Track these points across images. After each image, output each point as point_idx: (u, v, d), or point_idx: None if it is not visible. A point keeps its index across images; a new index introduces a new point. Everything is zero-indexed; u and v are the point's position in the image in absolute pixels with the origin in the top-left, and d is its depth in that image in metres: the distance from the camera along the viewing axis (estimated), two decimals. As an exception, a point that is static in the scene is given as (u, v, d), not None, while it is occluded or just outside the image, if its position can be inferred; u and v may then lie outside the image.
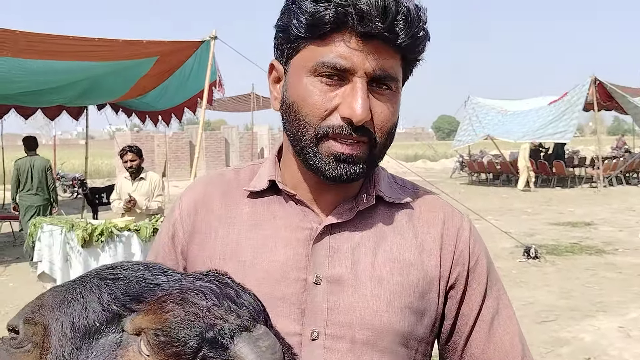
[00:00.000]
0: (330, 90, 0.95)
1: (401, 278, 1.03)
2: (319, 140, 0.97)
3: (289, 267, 1.02)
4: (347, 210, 1.05)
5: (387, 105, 0.98)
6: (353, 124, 0.94)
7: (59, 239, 5.21)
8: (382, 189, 1.09)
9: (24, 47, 7.50)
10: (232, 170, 1.18)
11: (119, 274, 0.62)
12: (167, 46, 8.74)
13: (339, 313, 1.00)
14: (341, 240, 1.04)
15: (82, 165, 24.36)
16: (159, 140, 25.16)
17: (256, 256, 1.03)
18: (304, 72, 0.97)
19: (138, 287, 0.60)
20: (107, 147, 48.22)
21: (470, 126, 22.63)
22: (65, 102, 11.28)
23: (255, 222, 1.07)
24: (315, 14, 0.92)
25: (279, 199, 1.08)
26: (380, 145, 1.00)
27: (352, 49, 0.92)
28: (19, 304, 6.98)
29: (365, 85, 0.94)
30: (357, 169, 0.98)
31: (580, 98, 19.03)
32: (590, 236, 10.77)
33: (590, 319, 6.03)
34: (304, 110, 0.97)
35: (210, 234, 1.08)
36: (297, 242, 1.03)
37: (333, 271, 1.01)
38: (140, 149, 6.85)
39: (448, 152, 38.31)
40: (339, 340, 0.99)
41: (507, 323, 1.11)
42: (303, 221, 1.05)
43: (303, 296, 1.00)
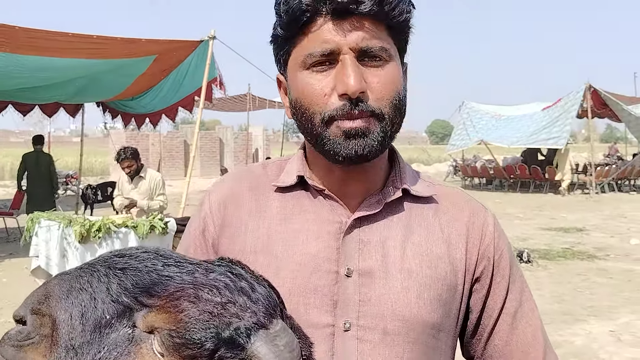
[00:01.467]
0: (325, 77, 0.98)
1: (430, 271, 1.05)
2: (327, 125, 0.99)
3: (321, 260, 1.04)
4: (374, 203, 1.07)
5: (384, 73, 0.99)
6: (351, 98, 0.96)
7: (57, 234, 5.21)
8: (408, 181, 1.11)
9: (23, 42, 7.51)
10: (260, 166, 1.20)
11: (128, 263, 0.59)
12: (165, 45, 8.76)
13: (371, 305, 1.02)
14: (370, 233, 1.06)
15: (75, 163, 24.29)
16: (154, 139, 25.12)
17: (287, 249, 1.05)
18: (298, 69, 1.01)
19: (148, 279, 0.57)
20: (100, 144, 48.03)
21: (465, 131, 22.71)
22: (62, 99, 11.27)
23: (285, 216, 1.09)
24: (288, 10, 0.97)
25: (307, 193, 1.10)
26: (389, 116, 1.00)
27: (330, 30, 0.96)
28: (12, 299, 6.96)
29: (353, 60, 0.96)
30: (370, 141, 0.99)
31: (574, 105, 19.14)
32: (582, 242, 10.84)
33: (582, 323, 6.09)
34: (306, 102, 1.00)
35: (240, 227, 1.10)
36: (327, 235, 1.05)
37: (364, 264, 1.03)
38: (136, 151, 6.86)
39: (442, 156, 38.42)
40: (371, 331, 1.01)
41: (529, 316, 1.13)
42: (332, 214, 1.07)
43: (335, 288, 1.02)
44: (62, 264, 5.24)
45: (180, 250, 1.17)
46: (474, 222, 1.12)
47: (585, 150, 21.75)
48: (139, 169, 6.78)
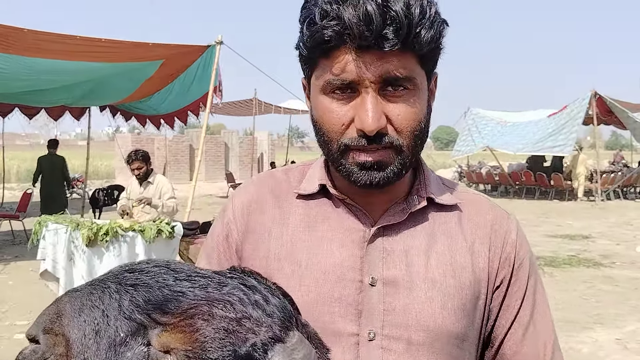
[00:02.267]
0: (344, 104, 0.97)
1: (454, 281, 1.04)
2: (343, 153, 0.99)
3: (345, 269, 1.03)
4: (399, 212, 1.07)
5: (406, 105, 0.97)
6: (368, 136, 0.96)
7: (64, 237, 5.22)
8: (433, 190, 1.10)
9: (30, 45, 7.53)
10: (282, 171, 1.20)
11: (139, 278, 0.58)
12: (172, 49, 8.78)
13: (395, 314, 1.02)
14: (394, 242, 1.05)
15: (81, 166, 24.36)
16: (159, 143, 25.18)
17: (311, 257, 1.05)
18: (319, 91, 1.00)
19: (161, 295, 0.56)
20: (106, 148, 48.18)
21: (470, 137, 22.70)
22: (69, 102, 11.31)
23: (308, 224, 1.09)
24: (312, 36, 0.95)
25: (330, 201, 1.10)
26: (408, 147, 1.00)
27: (353, 61, 0.93)
28: (18, 302, 7.00)
29: (374, 95, 0.95)
30: (387, 173, 0.99)
31: (580, 112, 19.12)
32: (588, 249, 10.81)
33: (588, 330, 6.06)
34: (324, 127, 1.00)
35: (264, 234, 1.10)
36: (351, 244, 1.05)
37: (388, 273, 1.03)
38: (147, 155, 6.88)
39: (446, 162, 38.40)
40: (396, 341, 1.01)
41: (542, 328, 1.12)
42: (356, 223, 1.07)
43: (359, 297, 1.02)
44: (69, 267, 5.25)
45: (203, 256, 1.18)
46: (497, 230, 1.12)
47: (590, 157, 21.68)
48: (148, 172, 6.80)
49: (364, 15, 0.89)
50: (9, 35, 7.27)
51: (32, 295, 7.29)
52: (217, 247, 1.15)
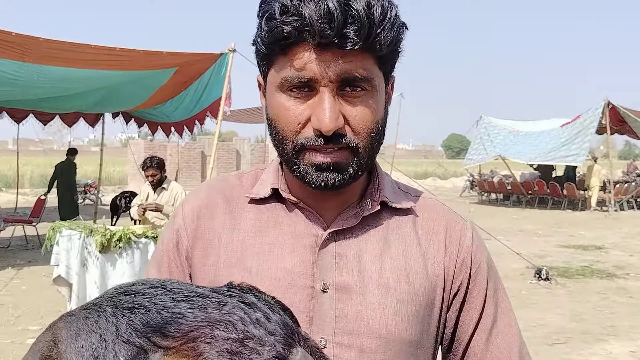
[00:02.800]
0: (301, 103, 0.95)
1: (407, 286, 1.02)
2: (299, 153, 0.97)
3: (296, 275, 1.01)
4: (352, 216, 1.04)
5: (363, 106, 0.95)
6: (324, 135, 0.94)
7: (77, 243, 5.25)
8: (387, 194, 1.08)
9: (45, 53, 7.62)
10: (236, 176, 1.16)
11: (135, 301, 0.57)
12: (186, 58, 8.85)
13: (347, 321, 0.99)
14: (347, 247, 1.03)
15: (94, 172, 24.52)
16: (172, 150, 25.29)
17: (262, 263, 1.02)
18: (275, 88, 0.97)
19: (159, 318, 0.55)
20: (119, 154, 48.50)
21: (482, 145, 22.63)
22: (83, 109, 11.42)
23: (259, 229, 1.06)
24: (271, 31, 0.92)
25: (282, 206, 1.07)
26: (364, 149, 0.98)
27: (312, 59, 0.91)
28: (31, 307, 7.04)
29: (331, 94, 0.93)
30: (343, 175, 0.97)
31: (593, 121, 19.02)
32: (601, 260, 10.73)
33: (602, 342, 6.01)
34: (280, 125, 0.98)
35: (213, 240, 1.07)
36: (303, 249, 1.02)
37: (340, 278, 1.01)
38: (163, 161, 6.91)
39: (458, 170, 38.26)
40: (348, 348, 0.99)
41: (506, 332, 1.10)
42: (308, 228, 1.04)
43: (311, 304, 1.00)
44: (82, 273, 5.28)
45: (153, 264, 1.15)
46: (452, 235, 1.10)
47: (604, 167, 21.54)
48: (162, 179, 6.83)
49: (325, 12, 0.87)
50: (24, 44, 7.36)
51: (45, 300, 7.33)
52: (168, 255, 1.11)
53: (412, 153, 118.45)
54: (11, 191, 22.92)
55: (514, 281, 8.75)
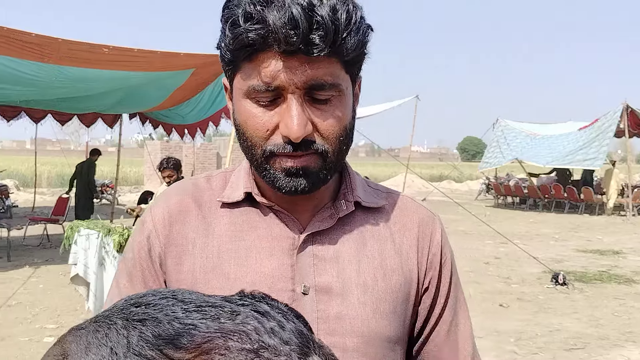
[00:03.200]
0: (269, 110, 0.94)
1: (384, 284, 1.04)
2: (268, 159, 0.96)
3: (276, 278, 1.01)
4: (327, 218, 1.05)
5: (332, 112, 0.95)
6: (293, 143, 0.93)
7: (95, 242, 5.30)
8: (359, 194, 1.09)
9: (64, 54, 7.70)
10: (204, 179, 1.14)
11: (146, 312, 0.56)
12: (203, 59, 8.88)
13: (329, 322, 1.00)
14: (324, 249, 1.03)
15: (110, 172, 24.74)
16: (187, 151, 25.42)
17: (240, 268, 1.01)
18: (242, 95, 0.96)
19: (171, 329, 0.54)
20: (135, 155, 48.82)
21: (498, 148, 22.50)
22: (101, 109, 11.53)
23: (235, 233, 1.05)
24: (236, 38, 0.90)
25: (257, 209, 1.06)
26: (333, 153, 0.97)
27: (278, 66, 0.90)
28: (48, 305, 7.10)
29: (299, 101, 0.92)
30: (312, 179, 0.97)
31: (611, 125, 18.83)
32: (618, 265, 10.61)
33: (620, 348, 5.94)
34: (248, 132, 0.97)
35: (187, 246, 1.05)
36: (281, 252, 1.02)
37: (319, 280, 1.01)
38: (179, 163, 6.97)
39: (473, 173, 38.07)
40: (332, 349, 0.99)
41: (463, 324, 1.16)
42: (284, 230, 1.04)
43: (292, 307, 1.01)
44: (99, 272, 5.32)
45: (123, 274, 1.11)
46: (424, 231, 1.12)
47: (621, 171, 21.31)
48: (178, 180, 6.86)
49: (290, 18, 0.86)
50: (43, 45, 7.44)
51: (62, 299, 7.39)
52: (140, 263, 1.08)
53: (427, 155, 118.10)
54: (29, 190, 23.18)
55: (531, 286, 8.69)
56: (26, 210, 17.35)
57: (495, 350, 5.83)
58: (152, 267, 1.07)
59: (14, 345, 5.65)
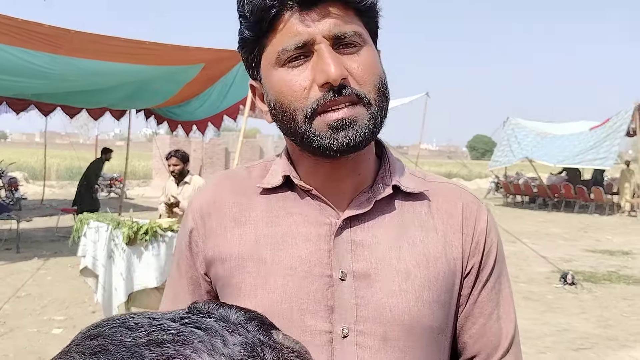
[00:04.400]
0: (301, 71, 0.94)
1: (427, 272, 1.01)
2: (311, 120, 0.94)
3: (313, 263, 0.99)
4: (364, 202, 1.02)
5: (361, 59, 0.95)
6: (333, 87, 0.92)
7: (105, 235, 5.30)
8: (399, 178, 1.06)
9: (77, 46, 7.72)
10: (245, 168, 1.15)
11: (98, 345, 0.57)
12: (214, 54, 8.89)
13: (368, 309, 0.98)
14: (362, 234, 1.01)
15: (119, 166, 24.80)
16: (196, 146, 25.47)
17: (276, 253, 1.01)
18: (272, 68, 0.96)
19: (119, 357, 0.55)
20: (143, 149, 48.96)
21: (508, 147, 22.40)
22: (111, 104, 11.54)
23: (271, 219, 1.04)
24: (253, 9, 0.93)
25: (294, 195, 1.05)
26: (375, 101, 0.96)
27: (300, 22, 0.92)
28: (56, 297, 7.14)
29: (329, 47, 0.92)
30: (361, 130, 0.94)
31: (622, 125, 18.70)
32: (628, 265, 10.54)
33: (628, 349, 5.90)
34: (286, 100, 0.96)
35: (225, 235, 1.06)
36: (317, 237, 1.01)
37: (357, 266, 0.99)
38: (187, 155, 6.93)
39: (482, 172, 37.94)
40: (370, 336, 0.97)
41: (505, 319, 1.10)
42: (321, 215, 1.02)
43: (328, 293, 0.98)
44: (108, 264, 5.33)
45: (174, 263, 1.16)
46: (468, 217, 1.08)
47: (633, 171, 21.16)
48: (184, 172, 6.85)
49: None
50: (55, 36, 7.47)
51: (71, 291, 7.43)
52: (182, 255, 1.13)
53: (436, 153, 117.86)
54: (38, 183, 23.27)
55: (540, 285, 8.65)
56: (35, 203, 17.44)
57: (503, 349, 5.80)
58: (191, 260, 1.10)
59: (22, 336, 5.68)
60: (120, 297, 5.30)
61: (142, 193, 23.54)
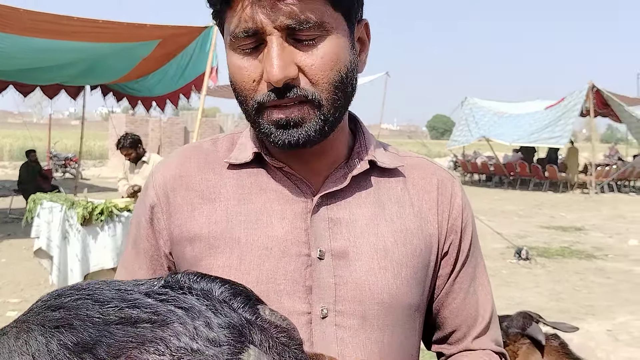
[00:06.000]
0: (253, 58, 0.89)
1: (405, 249, 0.99)
2: (259, 112, 0.91)
3: (289, 242, 0.95)
4: (340, 177, 0.99)
5: (320, 54, 0.88)
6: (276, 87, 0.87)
7: (59, 216, 5.19)
8: (374, 153, 1.03)
9: (27, 25, 7.46)
10: (210, 141, 1.08)
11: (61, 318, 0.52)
12: (170, 30, 8.71)
13: (347, 288, 0.95)
14: (339, 211, 0.98)
15: (74, 146, 24.29)
16: (154, 125, 25.07)
17: (250, 232, 0.96)
18: (228, 48, 0.92)
19: (87, 337, 0.50)
20: (99, 128, 48.01)
21: (466, 127, 22.69)
22: (64, 80, 11.23)
23: (243, 196, 0.98)
24: None
25: (266, 171, 1.00)
26: (328, 101, 0.90)
27: (254, 7, 0.85)
28: (11, 279, 6.99)
29: (280, 42, 0.86)
30: (306, 131, 0.90)
31: (577, 104, 19.12)
32: (580, 241, 10.85)
33: (579, 321, 6.09)
34: (237, 86, 0.93)
35: (193, 212, 0.99)
36: (293, 216, 0.97)
37: (335, 244, 0.96)
38: (136, 140, 6.77)
39: (442, 151, 38.41)
40: (350, 316, 0.95)
41: (481, 291, 1.10)
42: (296, 192, 0.98)
43: (306, 272, 0.94)
44: (63, 245, 5.23)
45: (130, 240, 1.09)
46: (443, 193, 1.07)
47: (586, 150, 21.72)
48: (139, 156, 6.76)
49: None
50: (5, 15, 7.20)
51: (26, 273, 7.28)
52: (145, 235, 1.04)
53: (397, 133, 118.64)
54: (-10, 164, 22.64)
55: (495, 261, 8.84)
56: (-13, 184, 16.97)
57: (459, 323, 5.93)
58: (153, 237, 1.03)
59: (-25, 319, 5.56)
60: (76, 278, 5.22)
61: (99, 173, 23.11)
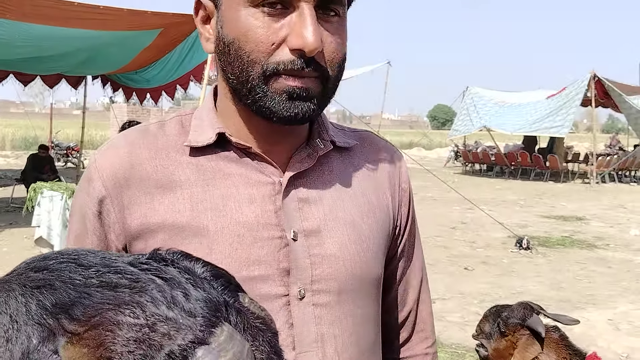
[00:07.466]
0: (275, 21, 0.85)
1: (370, 221, 1.02)
2: (268, 78, 0.86)
3: (261, 226, 0.93)
4: (306, 158, 0.98)
5: (337, 33, 0.89)
6: (305, 56, 0.84)
7: (59, 205, 5.20)
8: (332, 133, 1.04)
9: (28, 10, 7.44)
10: (156, 124, 1.01)
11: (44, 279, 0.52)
12: (171, 18, 8.68)
13: (323, 266, 0.95)
14: (307, 191, 0.97)
15: (76, 135, 24.25)
16: (155, 115, 25.07)
17: (218, 219, 0.92)
18: (242, 4, 0.85)
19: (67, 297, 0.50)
20: (101, 118, 48.01)
21: (468, 117, 22.66)
22: (65, 70, 11.21)
23: (206, 182, 0.94)
24: None
25: (226, 153, 0.96)
26: (332, 80, 0.91)
27: None
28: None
29: (314, 11, 0.84)
30: (312, 105, 0.89)
31: (578, 93, 19.07)
32: (581, 230, 10.86)
33: (580, 311, 6.10)
34: (247, 46, 0.86)
35: (152, 203, 0.93)
36: (262, 199, 0.94)
37: (307, 224, 0.95)
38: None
39: (443, 141, 38.37)
40: (326, 294, 0.95)
41: (416, 257, 1.17)
42: (262, 175, 0.95)
43: (280, 255, 0.93)
44: (64, 234, 5.24)
45: (69, 239, 1.01)
46: (393, 165, 1.11)
47: (587, 140, 21.67)
48: None
49: None
50: (4, 0, 7.17)
51: (26, 262, 7.30)
52: (92, 229, 0.96)
53: (398, 123, 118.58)
54: (-8, 153, 22.67)
55: (496, 250, 8.85)
56: (-11, 173, 16.98)
57: (460, 311, 5.95)
58: (101, 230, 0.95)
59: (-24, 308, 5.58)
60: (77, 267, 5.23)
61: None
